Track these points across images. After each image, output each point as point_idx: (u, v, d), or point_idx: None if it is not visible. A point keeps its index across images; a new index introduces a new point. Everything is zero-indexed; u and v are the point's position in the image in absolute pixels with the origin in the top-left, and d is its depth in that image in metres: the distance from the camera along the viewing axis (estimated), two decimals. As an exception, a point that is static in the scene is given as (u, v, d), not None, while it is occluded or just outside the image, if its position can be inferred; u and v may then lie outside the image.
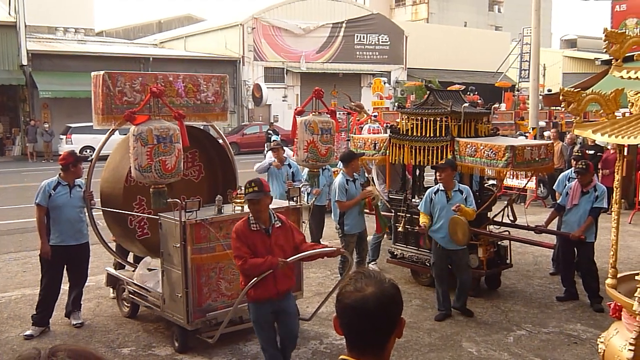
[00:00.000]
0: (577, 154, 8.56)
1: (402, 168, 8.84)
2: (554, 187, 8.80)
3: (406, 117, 8.11)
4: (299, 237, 5.17)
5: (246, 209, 6.01)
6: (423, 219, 7.06)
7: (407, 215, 8.02)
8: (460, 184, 7.18)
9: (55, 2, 39.69)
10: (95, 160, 6.99)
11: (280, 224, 4.98)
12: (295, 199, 6.42)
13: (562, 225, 7.81)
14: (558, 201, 7.86)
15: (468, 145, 7.39)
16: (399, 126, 8.24)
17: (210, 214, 5.87)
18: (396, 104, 24.14)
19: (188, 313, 5.65)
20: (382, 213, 8.28)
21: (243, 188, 5.12)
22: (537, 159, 7.44)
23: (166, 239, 5.87)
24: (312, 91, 7.13)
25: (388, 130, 8.81)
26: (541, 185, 14.29)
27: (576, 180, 7.48)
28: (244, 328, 6.08)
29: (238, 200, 6.03)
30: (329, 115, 6.91)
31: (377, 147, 8.39)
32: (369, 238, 8.71)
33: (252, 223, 4.88)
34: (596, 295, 7.30)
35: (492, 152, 7.17)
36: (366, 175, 9.02)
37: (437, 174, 7.05)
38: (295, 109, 7.11)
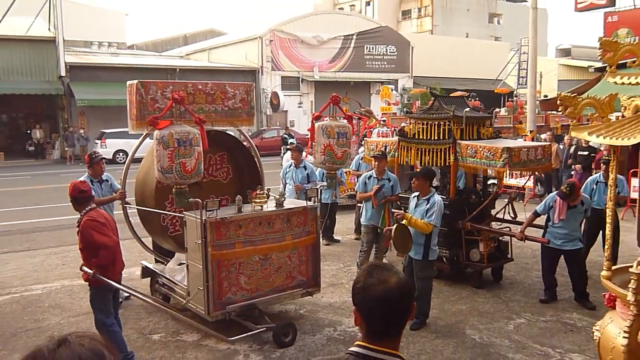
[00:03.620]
0: (606, 158, 7.72)
1: (411, 169, 8.79)
2: (586, 194, 8.04)
3: (413, 121, 8.09)
4: None
5: (265, 207, 6.03)
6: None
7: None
8: (434, 197, 6.41)
9: (90, 19, 40.14)
10: (129, 162, 7.09)
11: None
12: (312, 199, 6.38)
13: (545, 234, 7.21)
14: (537, 208, 7.39)
15: (468, 147, 7.35)
16: (406, 130, 8.22)
17: (230, 213, 5.84)
18: (404, 109, 24.07)
19: (208, 305, 5.64)
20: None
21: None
22: (533, 159, 7.34)
23: (189, 236, 5.86)
24: (325, 98, 7.12)
25: (396, 134, 8.80)
26: (539, 184, 14.20)
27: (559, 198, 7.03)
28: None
29: (257, 200, 5.99)
30: (345, 120, 6.83)
31: (387, 150, 8.38)
32: None
33: None
34: (584, 295, 7.05)
35: (490, 154, 7.13)
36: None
37: (412, 181, 6.64)
38: (313, 115, 6.96)
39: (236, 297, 5.82)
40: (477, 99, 23.15)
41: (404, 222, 6.36)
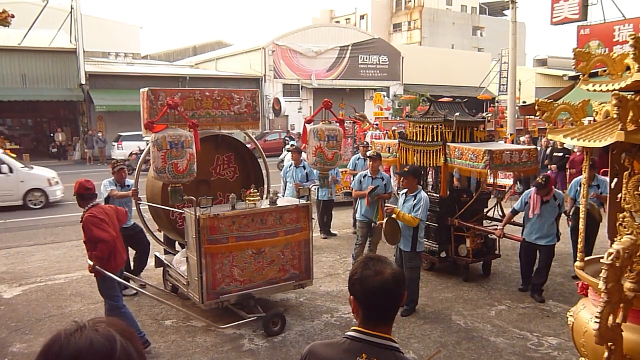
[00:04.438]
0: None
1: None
2: (567, 192, 7.92)
3: (412, 124, 8.07)
4: None
5: (259, 205, 5.95)
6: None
7: None
8: (420, 193, 6.40)
9: (108, 31, 40.05)
10: (140, 163, 7.12)
11: None
12: (304, 197, 6.30)
13: (524, 230, 7.02)
14: (514, 206, 7.17)
15: (456, 150, 7.31)
16: (407, 132, 8.20)
17: (224, 210, 5.78)
18: (397, 115, 24.07)
19: (202, 294, 5.64)
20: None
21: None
22: (517, 161, 7.16)
23: (188, 230, 5.86)
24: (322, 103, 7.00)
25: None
26: (518, 182, 14.19)
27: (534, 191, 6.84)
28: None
29: (250, 198, 5.94)
30: (337, 124, 6.73)
31: (390, 151, 8.39)
32: None
33: None
34: (538, 290, 6.84)
35: (473, 155, 7.03)
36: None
37: (402, 179, 6.61)
38: (306, 118, 6.82)
39: (230, 287, 5.79)
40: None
41: (393, 216, 6.37)
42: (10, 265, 8.47)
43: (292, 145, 10.11)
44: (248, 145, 7.62)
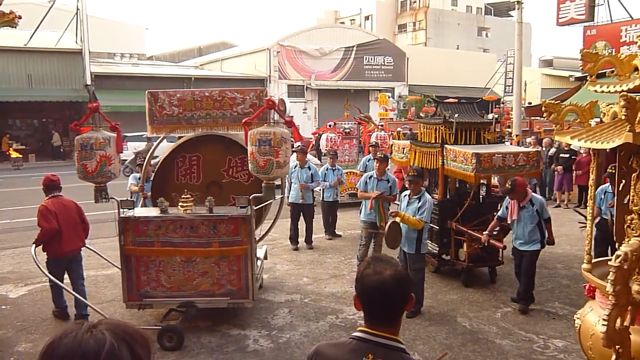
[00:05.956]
0: (610, 171, 6.76)
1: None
2: (596, 203, 7.16)
3: (421, 125, 8.05)
4: None
5: (193, 211, 5.73)
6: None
7: None
8: (424, 195, 6.36)
9: (114, 32, 40.21)
10: (147, 162, 7.23)
11: None
12: (246, 207, 5.82)
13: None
14: (498, 214, 6.93)
15: (451, 152, 7.16)
16: (417, 134, 8.17)
17: (153, 214, 5.76)
18: (402, 116, 24.07)
19: (125, 293, 5.73)
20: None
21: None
22: (512, 165, 6.87)
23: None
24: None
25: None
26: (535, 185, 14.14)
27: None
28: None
29: (182, 204, 5.75)
30: (284, 126, 5.93)
31: (405, 152, 8.36)
32: None
33: None
34: (522, 298, 6.54)
35: (464, 158, 6.86)
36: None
37: (409, 182, 6.54)
38: (244, 121, 5.89)
39: (156, 292, 5.76)
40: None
41: (397, 219, 6.33)
42: (16, 265, 8.50)
43: (297, 146, 10.09)
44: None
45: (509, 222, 6.68)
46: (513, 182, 6.48)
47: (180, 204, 5.79)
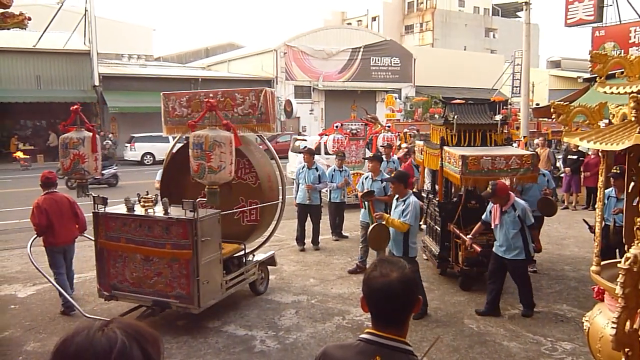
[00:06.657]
0: (614, 171, 6.52)
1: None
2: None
3: (431, 127, 8.10)
4: None
5: (150, 211, 5.89)
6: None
7: (427, 210, 8.13)
8: (410, 198, 6.21)
9: (122, 34, 40.42)
10: (167, 158, 7.53)
11: None
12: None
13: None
14: (482, 217, 6.66)
15: (447, 154, 7.08)
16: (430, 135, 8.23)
17: (121, 211, 6.00)
18: (409, 117, 24.01)
19: (99, 283, 6.12)
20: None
21: None
22: (504, 168, 6.62)
23: None
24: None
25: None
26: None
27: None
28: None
29: (144, 203, 6.01)
30: (221, 129, 5.60)
31: (422, 153, 8.38)
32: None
33: None
34: (527, 306, 6.38)
35: (453, 160, 6.78)
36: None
37: (390, 185, 6.59)
38: (188, 123, 5.77)
39: (122, 286, 6.02)
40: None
41: (382, 222, 6.30)
42: (25, 265, 8.56)
43: (305, 147, 10.09)
44: (260, 147, 7.61)
45: (492, 226, 6.43)
46: (494, 185, 6.21)
47: (141, 203, 6.03)
